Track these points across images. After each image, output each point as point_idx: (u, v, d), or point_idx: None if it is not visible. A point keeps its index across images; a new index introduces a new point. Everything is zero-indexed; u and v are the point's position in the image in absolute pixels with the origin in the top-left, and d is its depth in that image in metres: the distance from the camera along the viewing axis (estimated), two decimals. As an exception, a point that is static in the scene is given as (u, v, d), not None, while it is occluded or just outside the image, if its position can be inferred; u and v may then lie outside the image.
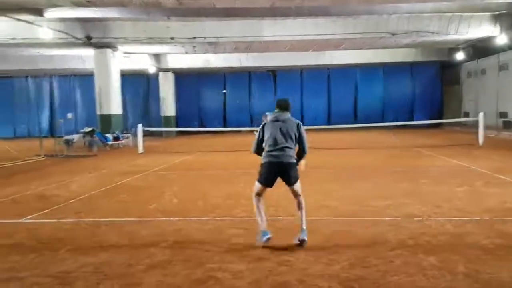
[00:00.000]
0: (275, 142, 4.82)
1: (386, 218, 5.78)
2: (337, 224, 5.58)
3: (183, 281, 3.86)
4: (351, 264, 4.13)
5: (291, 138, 4.85)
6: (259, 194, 4.95)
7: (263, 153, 4.94)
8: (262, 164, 4.92)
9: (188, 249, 4.71)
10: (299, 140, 4.92)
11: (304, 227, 4.85)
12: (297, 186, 4.91)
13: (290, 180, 4.85)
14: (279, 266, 4.13)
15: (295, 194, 4.96)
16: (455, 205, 6.47)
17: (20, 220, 6.24)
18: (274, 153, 4.81)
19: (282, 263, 4.22)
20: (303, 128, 4.98)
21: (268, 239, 4.75)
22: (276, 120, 4.96)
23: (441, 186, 8.00)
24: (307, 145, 4.98)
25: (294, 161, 4.87)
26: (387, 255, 4.37)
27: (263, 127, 5.01)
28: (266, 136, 4.91)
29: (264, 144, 4.95)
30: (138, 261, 4.38)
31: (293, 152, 4.88)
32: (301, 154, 4.99)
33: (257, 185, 4.93)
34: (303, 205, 4.96)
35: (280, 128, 4.87)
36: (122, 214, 6.45)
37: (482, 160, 11.51)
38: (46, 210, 6.82)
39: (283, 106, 5.08)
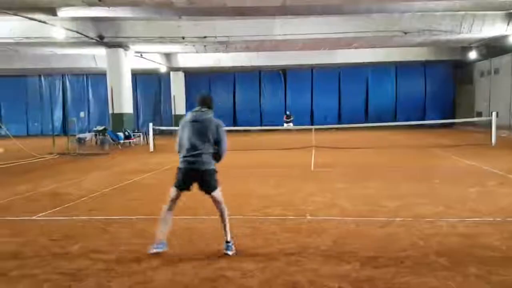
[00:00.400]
0: (191, 147, 4.44)
1: (397, 219, 5.73)
2: (348, 224, 5.56)
3: (193, 279, 3.87)
4: (362, 265, 4.11)
5: (209, 141, 4.45)
6: (173, 200, 4.62)
7: (179, 157, 4.57)
8: (178, 169, 4.58)
9: (198, 248, 4.73)
10: (217, 143, 4.50)
11: (229, 239, 4.56)
12: (216, 193, 4.57)
13: (207, 189, 4.54)
14: (289, 266, 4.13)
15: (215, 202, 4.61)
16: (467, 206, 6.40)
17: (33, 217, 6.31)
18: (189, 158, 4.45)
19: (292, 263, 4.21)
20: (223, 129, 4.55)
21: (158, 251, 4.47)
22: (194, 120, 4.50)
23: (453, 187, 7.93)
24: (225, 149, 4.56)
25: (212, 167, 4.52)
26: (398, 255, 4.34)
27: (182, 126, 4.59)
28: (184, 138, 4.51)
29: (181, 146, 4.57)
30: (149, 259, 4.41)
31: (210, 157, 4.49)
32: (217, 158, 4.56)
33: (172, 190, 4.61)
34: (226, 215, 4.62)
35: (197, 130, 4.44)
36: (133, 212, 6.49)
37: (495, 160, 11.36)
38: (59, 208, 6.89)
39: (204, 103, 4.59)
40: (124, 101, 20.06)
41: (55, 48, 21.16)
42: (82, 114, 28.67)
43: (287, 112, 28.34)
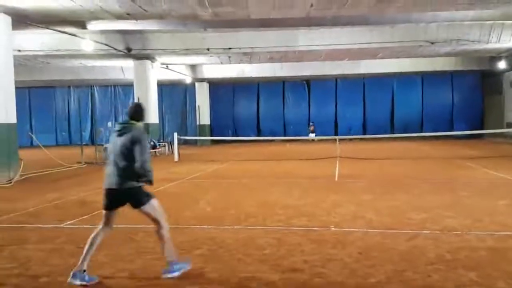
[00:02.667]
0: (111, 164, 4.16)
1: (424, 231, 5.63)
2: (373, 237, 5.48)
3: (217, 290, 3.88)
4: (388, 278, 4.04)
5: (132, 158, 4.03)
6: (106, 223, 4.27)
7: (104, 174, 4.26)
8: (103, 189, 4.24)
9: (222, 258, 4.73)
10: (138, 156, 4.02)
11: (170, 259, 4.16)
12: (148, 208, 4.17)
13: (133, 206, 4.19)
14: (314, 278, 4.09)
15: (151, 219, 4.24)
16: (496, 219, 6.22)
17: (61, 225, 6.45)
18: (109, 179, 4.17)
19: (316, 275, 4.17)
20: (142, 141, 4.08)
21: (81, 282, 3.94)
22: (117, 133, 4.17)
23: (482, 199, 7.73)
24: (141, 167, 4.02)
25: (133, 186, 4.09)
26: (425, 269, 4.25)
27: (110, 138, 4.30)
28: (109, 153, 4.22)
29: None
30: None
31: (131, 174, 4.06)
32: (139, 174, 4.05)
33: (103, 211, 4.28)
34: (164, 233, 4.20)
35: (119, 146, 4.09)
36: (158, 222, 6.54)
37: (526, 172, 11.03)
38: (86, 216, 7.02)
39: (130, 113, 4.27)
40: (150, 111, 20.37)
41: (84, 60, 21.71)
42: (109, 124, 29.24)
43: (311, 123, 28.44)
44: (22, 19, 12.36)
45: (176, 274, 4.14)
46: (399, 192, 8.65)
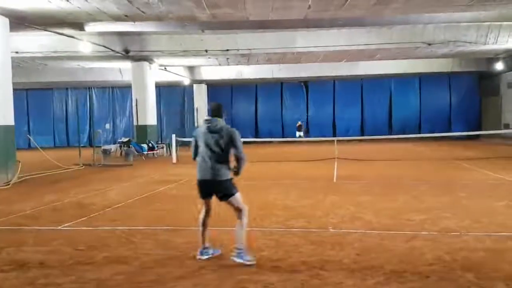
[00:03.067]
0: (205, 157, 4.57)
1: (422, 232, 5.63)
2: (371, 238, 5.48)
3: (215, 291, 3.87)
4: (387, 279, 4.04)
5: (223, 150, 4.53)
6: (206, 211, 4.85)
7: (197, 167, 4.68)
8: (197, 180, 4.71)
9: (220, 259, 4.72)
10: (234, 149, 4.56)
11: (241, 247, 4.54)
12: (234, 199, 4.62)
13: (221, 198, 4.65)
14: (312, 279, 4.08)
15: (235, 209, 4.67)
16: (495, 220, 6.23)
17: (58, 227, 6.43)
18: (203, 171, 4.60)
19: (314, 276, 4.17)
20: (236, 134, 4.60)
21: (207, 256, 4.71)
22: (207, 130, 4.59)
23: (480, 200, 7.74)
24: (243, 157, 4.62)
25: (226, 177, 4.57)
26: (424, 270, 4.25)
27: (196, 135, 4.74)
28: (200, 148, 4.65)
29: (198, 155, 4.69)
30: (171, 269, 4.43)
31: (224, 167, 4.56)
32: (238, 164, 4.62)
33: (201, 199, 4.82)
34: (245, 221, 4.66)
35: (213, 141, 4.54)
36: (157, 223, 6.54)
37: (524, 173, 11.05)
38: (84, 218, 7.00)
39: (214, 111, 4.67)
40: (148, 113, 20.38)
41: (82, 62, 21.69)
42: (107, 125, 29.18)
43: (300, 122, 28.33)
44: (19, 21, 12.34)
45: (242, 260, 4.49)
46: (397, 193, 8.65)
